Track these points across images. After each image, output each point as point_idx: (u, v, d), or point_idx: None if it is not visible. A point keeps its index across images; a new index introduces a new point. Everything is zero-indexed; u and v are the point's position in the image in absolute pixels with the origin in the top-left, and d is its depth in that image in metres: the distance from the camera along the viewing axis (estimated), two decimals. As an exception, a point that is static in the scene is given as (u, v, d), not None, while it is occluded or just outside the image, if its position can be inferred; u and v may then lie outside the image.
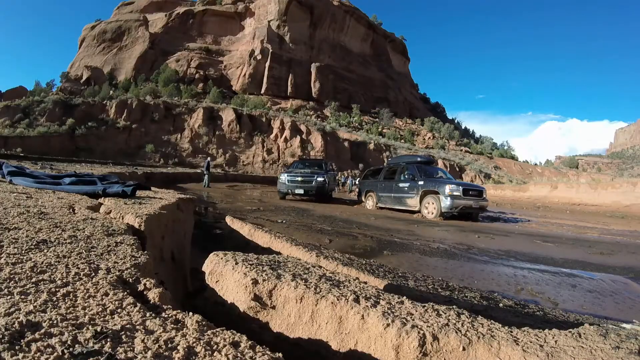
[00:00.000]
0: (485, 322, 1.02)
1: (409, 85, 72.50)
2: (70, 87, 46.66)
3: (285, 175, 11.22)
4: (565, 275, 3.37)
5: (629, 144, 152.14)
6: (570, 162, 58.24)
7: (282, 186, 11.00)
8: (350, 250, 3.87)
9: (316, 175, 10.99)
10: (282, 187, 11.03)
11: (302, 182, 10.84)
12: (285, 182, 10.90)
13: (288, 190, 10.87)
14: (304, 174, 11.15)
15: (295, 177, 11.02)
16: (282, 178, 11.14)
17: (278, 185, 11.27)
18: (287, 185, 10.85)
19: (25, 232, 1.28)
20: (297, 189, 10.79)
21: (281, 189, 11.09)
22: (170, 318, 0.77)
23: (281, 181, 11.10)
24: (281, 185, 11.05)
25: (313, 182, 10.82)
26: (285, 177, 11.10)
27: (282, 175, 11.36)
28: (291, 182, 10.87)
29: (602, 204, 15.64)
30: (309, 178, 10.94)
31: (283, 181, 10.99)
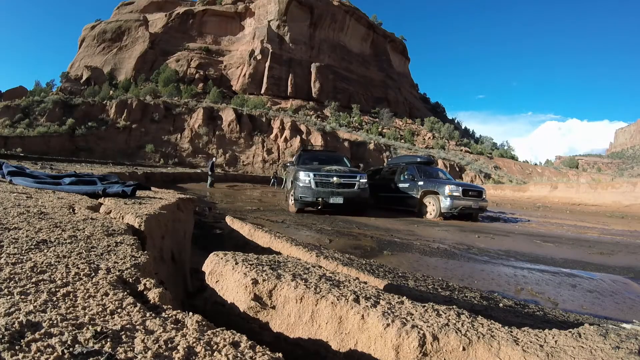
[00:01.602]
0: (485, 322, 1.02)
1: (409, 85, 72.51)
2: (70, 87, 46.65)
3: (309, 174, 7.12)
4: (565, 275, 3.37)
5: (629, 144, 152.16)
6: (570, 162, 58.23)
7: (304, 191, 7.03)
8: (350, 250, 3.87)
9: (358, 176, 7.53)
10: (303, 193, 7.03)
11: (340, 185, 7.17)
12: (310, 185, 7.02)
13: (316, 197, 6.93)
14: (340, 173, 7.37)
15: (328, 177, 7.16)
16: (303, 178, 7.14)
17: (294, 189, 7.27)
18: (316, 191, 6.97)
19: (25, 232, 1.28)
20: (334, 196, 7.04)
21: (302, 196, 7.04)
22: (170, 318, 0.77)
23: (302, 183, 7.13)
24: (302, 190, 7.06)
25: (355, 186, 7.34)
26: (308, 177, 7.08)
27: (301, 173, 7.24)
28: (322, 184, 7.11)
29: (602, 204, 15.64)
30: (350, 180, 7.33)
31: (305, 183, 7.09)
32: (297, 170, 7.55)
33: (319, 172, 7.36)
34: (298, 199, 7.15)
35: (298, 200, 7.16)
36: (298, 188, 7.17)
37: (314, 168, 7.64)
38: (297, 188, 7.19)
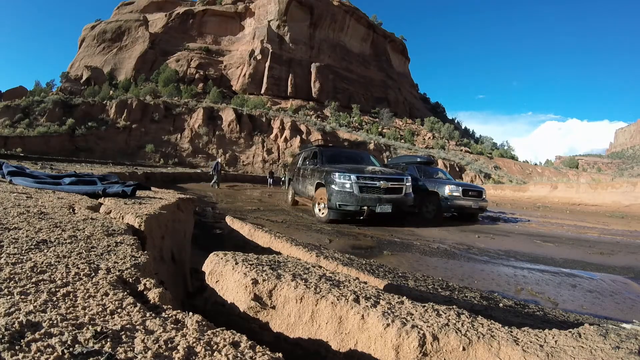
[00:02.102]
0: (485, 322, 1.02)
1: (408, 85, 72.51)
2: (70, 87, 46.64)
3: (349, 176, 5.75)
4: (565, 275, 3.37)
5: (629, 144, 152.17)
6: (570, 162, 58.23)
7: (345, 198, 5.65)
8: (350, 250, 3.87)
9: (404, 179, 6.33)
10: (343, 200, 5.67)
11: (388, 190, 5.93)
12: (351, 191, 5.63)
13: (361, 205, 5.62)
14: (386, 175, 6.11)
15: (374, 180, 5.85)
16: (341, 181, 5.77)
17: (330, 194, 5.81)
18: (360, 198, 5.62)
19: (25, 232, 1.28)
20: (382, 203, 5.72)
21: (342, 204, 5.69)
22: (170, 318, 0.77)
23: (338, 187, 5.74)
24: (341, 197, 5.68)
25: (403, 190, 6.16)
26: (348, 180, 5.71)
27: (336, 175, 5.88)
28: (367, 190, 5.76)
29: (602, 204, 15.64)
30: (398, 184, 6.11)
31: (345, 188, 5.69)
32: (328, 172, 6.10)
33: (362, 173, 5.89)
34: (335, 207, 5.66)
35: (335, 208, 5.69)
36: (334, 194, 5.67)
37: (352, 169, 6.13)
38: (333, 194, 5.69)
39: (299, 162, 8.68)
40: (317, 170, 6.80)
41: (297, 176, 8.32)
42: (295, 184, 8.40)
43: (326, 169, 6.38)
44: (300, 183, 7.93)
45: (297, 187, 8.15)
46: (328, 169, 6.34)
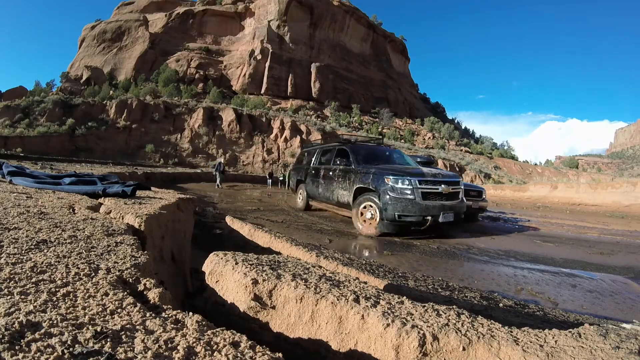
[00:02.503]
0: (485, 322, 1.02)
1: (408, 85, 72.51)
2: (70, 87, 46.64)
3: (410, 180, 4.86)
4: (565, 275, 3.37)
5: (629, 144, 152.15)
6: (570, 162, 58.22)
7: (407, 207, 4.75)
8: (350, 250, 3.87)
9: (460, 181, 5.65)
10: (405, 210, 4.75)
11: (449, 196, 5.17)
12: (413, 198, 4.76)
13: (424, 215, 4.80)
14: (446, 179, 5.31)
15: (436, 184, 5.07)
16: (400, 186, 4.84)
17: (386, 203, 4.85)
18: (424, 206, 4.79)
19: (25, 232, 1.28)
20: (445, 211, 4.95)
21: (403, 214, 4.77)
22: (170, 318, 0.77)
23: (397, 194, 4.81)
24: (402, 206, 4.76)
25: (459, 195, 5.46)
26: (409, 185, 4.82)
27: (391, 178, 4.94)
28: (430, 196, 4.95)
29: (602, 204, 15.64)
30: (456, 187, 5.38)
31: (406, 194, 4.79)
32: (376, 174, 5.11)
33: (424, 177, 5.00)
34: (393, 218, 4.71)
35: (392, 220, 4.75)
36: (392, 202, 4.72)
37: (406, 171, 5.17)
38: (389, 202, 4.74)
39: (312, 161, 7.60)
40: (353, 172, 5.71)
41: (312, 177, 7.17)
42: (311, 186, 7.24)
43: (373, 171, 5.28)
44: (320, 186, 6.76)
45: (315, 190, 7.01)
46: (375, 170, 5.26)
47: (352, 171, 5.82)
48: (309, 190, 7.42)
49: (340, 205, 6.12)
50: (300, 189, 8.13)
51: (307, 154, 8.41)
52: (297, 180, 8.33)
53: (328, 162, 6.83)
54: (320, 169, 6.98)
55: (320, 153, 7.51)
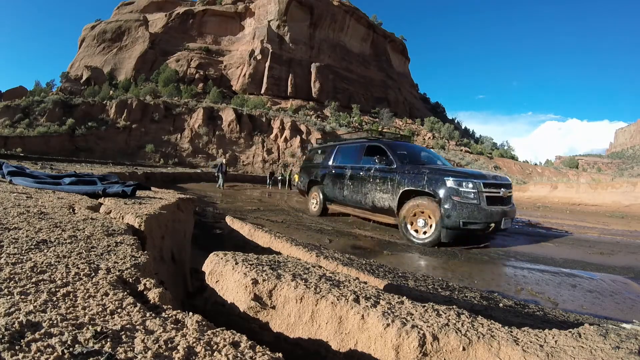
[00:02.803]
0: (485, 322, 1.02)
1: (409, 85, 72.52)
2: (70, 87, 46.65)
3: (475, 183, 4.39)
4: (565, 275, 3.37)
5: (629, 144, 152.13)
6: (570, 162, 58.22)
7: (472, 213, 4.27)
8: (350, 250, 3.87)
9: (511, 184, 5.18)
10: (470, 217, 4.27)
11: (506, 200, 4.81)
12: (478, 202, 4.32)
13: (488, 221, 4.35)
14: (502, 181, 4.85)
15: (497, 187, 4.64)
16: (464, 189, 4.35)
17: (449, 208, 4.31)
18: (489, 212, 4.35)
19: (25, 232, 1.28)
20: (506, 217, 4.59)
21: (468, 221, 4.29)
22: (170, 318, 0.77)
23: (461, 198, 4.32)
24: (467, 212, 4.27)
25: (512, 199, 5.09)
26: (474, 188, 4.36)
27: (451, 181, 4.43)
28: (493, 201, 4.50)
29: (602, 204, 15.64)
30: (510, 191, 4.92)
31: (470, 199, 4.31)
32: (433, 176, 4.57)
33: (486, 179, 4.53)
34: (457, 225, 4.22)
35: (456, 227, 4.25)
36: (456, 207, 4.23)
37: (470, 173, 4.66)
38: (453, 208, 4.24)
39: (329, 159, 6.90)
40: (397, 173, 5.06)
41: (333, 178, 6.50)
42: (330, 188, 6.54)
43: (426, 172, 4.70)
44: (345, 188, 6.07)
45: (337, 192, 6.30)
46: (429, 171, 4.71)
47: (394, 171, 5.16)
48: (328, 193, 6.66)
49: (376, 210, 5.42)
50: (314, 191, 7.25)
51: (321, 151, 7.60)
52: (310, 181, 7.47)
53: (355, 161, 6.15)
54: (346, 169, 6.25)
55: (341, 150, 6.79)
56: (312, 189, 7.36)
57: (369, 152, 5.99)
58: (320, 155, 7.51)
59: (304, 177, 7.80)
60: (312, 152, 8.14)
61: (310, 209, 7.28)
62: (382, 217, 5.40)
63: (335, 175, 6.52)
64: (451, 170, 4.78)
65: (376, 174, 5.46)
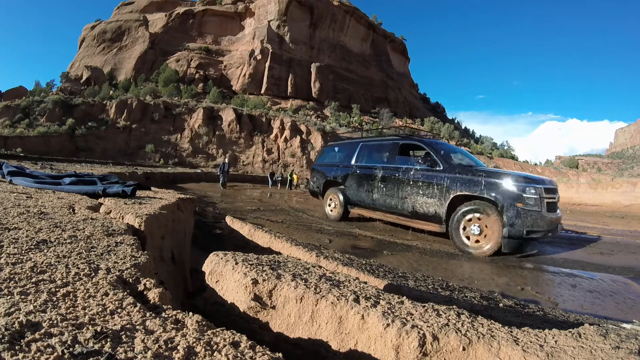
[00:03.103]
0: (485, 322, 1.02)
1: (408, 85, 72.52)
2: (70, 87, 46.65)
3: (538, 189, 4.09)
4: (565, 275, 3.37)
5: (629, 144, 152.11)
6: (570, 162, 58.21)
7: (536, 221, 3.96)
8: (350, 250, 3.87)
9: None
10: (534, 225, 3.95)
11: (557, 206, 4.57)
12: (539, 209, 4.03)
13: (547, 229, 4.10)
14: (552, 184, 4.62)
15: (553, 192, 4.45)
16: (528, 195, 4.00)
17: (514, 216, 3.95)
18: (548, 219, 4.08)
19: (25, 232, 1.28)
20: (559, 224, 4.52)
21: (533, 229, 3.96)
22: (170, 318, 0.77)
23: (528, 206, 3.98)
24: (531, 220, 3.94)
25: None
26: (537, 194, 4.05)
27: (512, 185, 4.06)
28: (551, 206, 4.27)
29: (602, 204, 15.63)
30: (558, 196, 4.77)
31: (530, 204, 4.00)
32: (497, 179, 4.17)
33: (545, 184, 4.25)
34: (521, 234, 3.90)
35: (520, 237, 3.93)
36: (520, 215, 3.90)
37: (530, 177, 4.32)
38: (517, 215, 3.91)
39: (350, 158, 6.35)
40: (446, 176, 4.59)
41: (359, 179, 5.94)
42: (354, 190, 5.99)
43: (484, 175, 4.29)
44: (376, 190, 5.54)
45: (365, 195, 5.76)
46: (486, 174, 4.30)
47: (441, 173, 4.68)
48: (352, 196, 6.07)
49: (417, 216, 4.92)
50: (331, 193, 6.57)
51: (338, 149, 6.94)
52: (326, 182, 6.79)
53: (387, 161, 5.60)
54: (375, 169, 5.67)
55: (366, 149, 6.20)
56: (329, 191, 6.65)
57: (404, 151, 5.62)
58: (338, 153, 6.84)
59: (318, 178, 7.10)
60: (327, 150, 7.42)
61: (328, 213, 6.60)
62: (424, 224, 4.86)
63: (360, 176, 5.93)
64: (510, 173, 4.32)
65: (418, 176, 4.94)
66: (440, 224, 4.61)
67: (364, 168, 5.97)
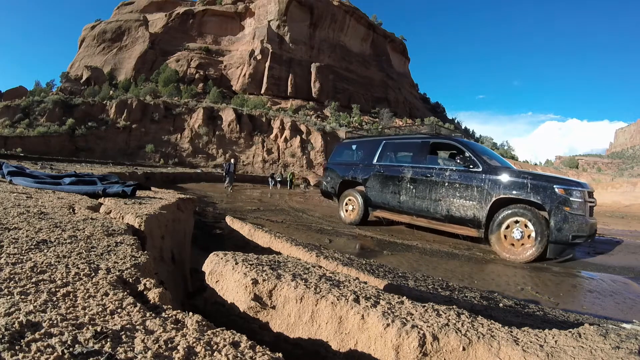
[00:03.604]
0: (485, 322, 1.02)
1: (408, 85, 72.53)
2: (70, 87, 46.66)
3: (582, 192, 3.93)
4: (565, 275, 3.37)
5: (629, 144, 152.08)
6: (570, 162, 58.21)
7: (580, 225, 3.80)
8: (350, 250, 3.87)
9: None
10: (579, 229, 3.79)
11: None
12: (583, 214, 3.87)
13: (590, 232, 3.94)
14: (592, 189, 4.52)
15: (592, 196, 4.25)
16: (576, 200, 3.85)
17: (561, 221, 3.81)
18: (590, 224, 3.92)
19: (25, 232, 1.28)
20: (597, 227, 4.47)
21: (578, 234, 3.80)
22: (170, 318, 0.77)
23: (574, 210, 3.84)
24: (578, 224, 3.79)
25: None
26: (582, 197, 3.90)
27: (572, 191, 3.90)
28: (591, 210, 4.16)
29: (602, 204, 15.64)
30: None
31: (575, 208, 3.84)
32: (543, 182, 4.00)
33: (588, 188, 4.08)
34: (567, 239, 3.77)
35: (566, 242, 3.80)
36: (567, 219, 3.76)
37: (574, 180, 4.21)
38: (564, 220, 3.76)
39: (371, 157, 5.99)
40: (487, 177, 4.37)
41: (383, 180, 5.59)
42: (378, 191, 5.64)
43: (529, 178, 4.11)
44: (404, 192, 5.23)
45: (391, 197, 5.41)
46: (531, 177, 4.13)
47: (481, 174, 4.43)
48: (373, 197, 5.69)
49: (452, 220, 4.65)
50: (349, 194, 6.18)
51: (356, 147, 6.53)
52: (343, 182, 6.37)
53: (416, 160, 5.29)
54: (403, 169, 5.34)
55: (390, 147, 5.89)
56: (346, 192, 6.26)
57: (434, 151, 5.42)
58: (357, 152, 6.41)
59: (333, 178, 6.62)
60: (342, 148, 6.93)
61: (344, 216, 6.20)
62: (459, 228, 4.59)
63: (385, 176, 5.56)
64: (554, 177, 4.22)
65: (455, 177, 4.66)
66: (478, 229, 4.37)
67: (390, 168, 5.60)
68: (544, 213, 3.93)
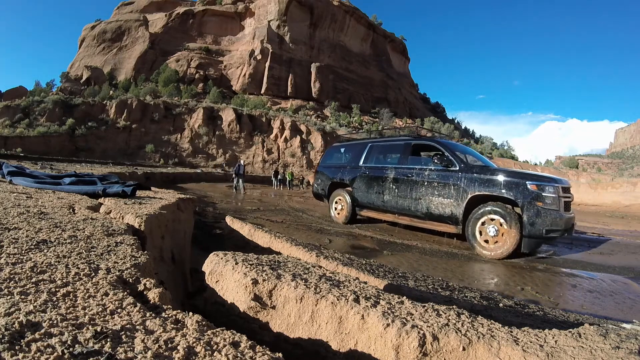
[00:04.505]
0: (485, 322, 1.02)
1: (408, 85, 72.54)
2: (70, 87, 46.66)
3: (554, 187, 4.08)
4: (565, 275, 3.37)
5: (629, 144, 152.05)
6: (570, 162, 58.22)
7: (555, 220, 3.93)
8: (351, 250, 3.87)
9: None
10: (554, 223, 3.93)
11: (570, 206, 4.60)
12: (558, 209, 4.01)
13: (565, 229, 4.06)
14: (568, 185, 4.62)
15: (569, 192, 4.41)
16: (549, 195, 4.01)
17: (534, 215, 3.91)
18: (565, 218, 4.05)
19: (25, 232, 1.28)
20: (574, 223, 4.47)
21: (552, 228, 3.92)
22: (170, 318, 0.77)
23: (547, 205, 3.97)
24: (551, 219, 3.91)
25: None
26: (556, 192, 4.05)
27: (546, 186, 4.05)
28: (567, 205, 4.26)
29: (602, 204, 15.64)
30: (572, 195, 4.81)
31: (549, 203, 3.97)
32: (515, 179, 4.12)
33: (562, 184, 4.21)
34: (541, 234, 3.88)
35: (540, 237, 3.91)
36: (540, 214, 3.87)
37: (547, 176, 4.34)
38: (537, 214, 3.87)
39: (359, 159, 6.21)
40: (463, 176, 4.52)
41: (368, 180, 5.80)
42: (364, 192, 5.85)
43: (502, 175, 4.24)
44: (387, 192, 5.43)
45: (375, 197, 5.61)
46: (505, 174, 4.25)
47: (457, 173, 4.59)
48: (360, 197, 5.90)
49: (432, 217, 4.81)
50: (337, 195, 6.42)
51: (344, 150, 6.78)
52: (332, 183, 6.61)
53: (399, 161, 5.51)
54: (386, 170, 5.55)
55: (375, 149, 6.11)
56: (335, 192, 6.50)
57: (416, 152, 5.60)
58: (345, 154, 6.68)
59: (323, 180, 6.90)
60: (332, 151, 7.22)
61: (334, 216, 6.44)
62: (439, 225, 4.77)
63: (370, 177, 5.79)
64: (528, 173, 4.32)
65: (433, 177, 4.84)
66: (456, 225, 4.52)
67: (374, 169, 5.83)
68: (518, 209, 4.03)
